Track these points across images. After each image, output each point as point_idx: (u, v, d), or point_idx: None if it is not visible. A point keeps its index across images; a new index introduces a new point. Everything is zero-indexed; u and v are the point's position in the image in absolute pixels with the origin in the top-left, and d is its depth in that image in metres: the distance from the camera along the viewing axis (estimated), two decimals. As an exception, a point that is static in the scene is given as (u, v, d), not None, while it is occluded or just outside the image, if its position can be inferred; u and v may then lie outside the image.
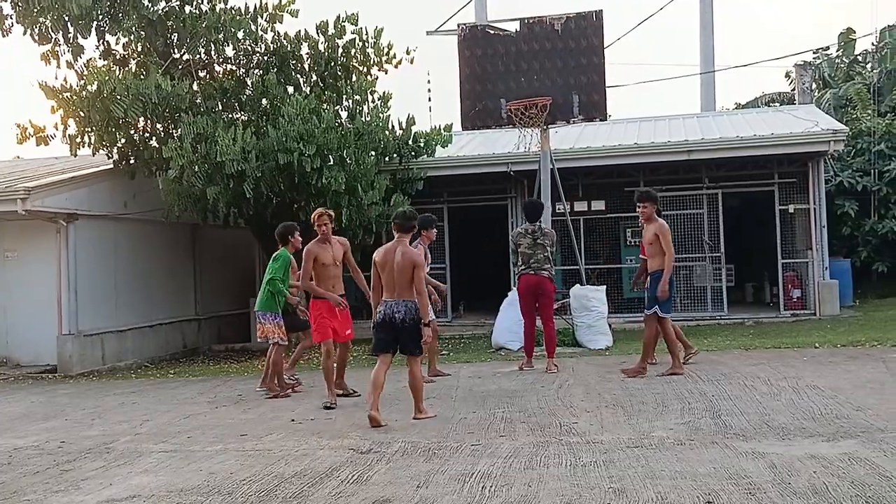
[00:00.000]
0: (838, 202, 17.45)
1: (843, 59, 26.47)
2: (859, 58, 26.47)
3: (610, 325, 13.11)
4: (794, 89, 24.17)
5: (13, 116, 51.75)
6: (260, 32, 15.03)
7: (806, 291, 15.79)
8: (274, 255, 9.65)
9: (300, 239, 9.81)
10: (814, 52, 26.52)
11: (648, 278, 9.35)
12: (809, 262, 15.61)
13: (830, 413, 6.81)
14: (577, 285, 13.29)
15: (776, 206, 15.74)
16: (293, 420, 7.94)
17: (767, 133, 15.45)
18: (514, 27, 12.99)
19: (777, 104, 25.48)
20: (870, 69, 25.32)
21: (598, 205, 16.52)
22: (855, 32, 25.94)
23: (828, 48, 26.75)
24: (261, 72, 15.03)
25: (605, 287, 13.61)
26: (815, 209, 15.56)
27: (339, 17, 15.14)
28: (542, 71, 12.74)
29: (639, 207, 9.30)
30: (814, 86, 22.61)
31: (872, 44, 25.89)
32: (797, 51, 64.96)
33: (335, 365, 8.92)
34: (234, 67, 15.59)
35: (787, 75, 27.65)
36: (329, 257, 8.91)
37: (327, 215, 9.00)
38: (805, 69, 20.96)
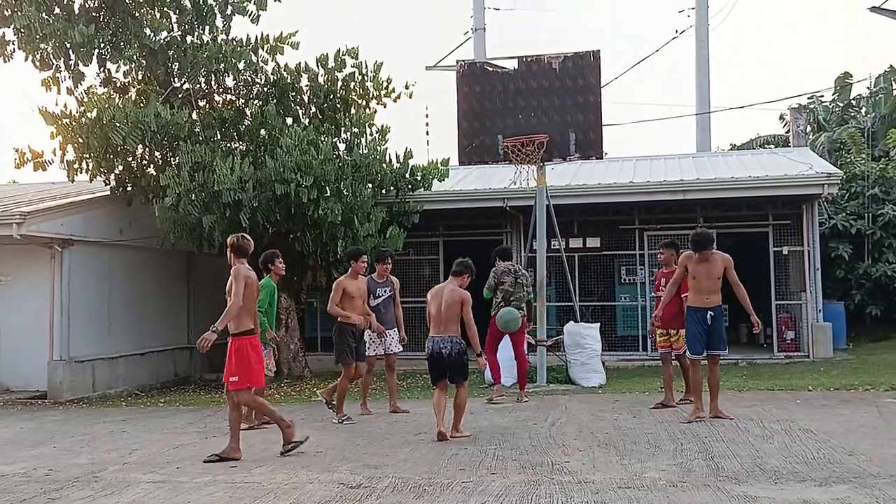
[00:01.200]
0: (832, 245, 17.52)
1: (838, 103, 26.77)
2: (854, 102, 26.77)
3: (603, 363, 13.08)
4: (788, 132, 24.36)
5: (11, 141, 51.95)
6: (260, 63, 15.15)
7: (800, 333, 15.80)
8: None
9: (282, 266, 9.84)
10: (808, 96, 26.82)
11: (711, 314, 8.80)
12: (803, 304, 15.64)
13: (823, 457, 6.78)
14: (571, 322, 13.28)
15: (770, 247, 15.81)
16: (283, 453, 7.88)
17: (762, 175, 15.56)
18: (512, 65, 13.10)
19: (772, 146, 25.66)
20: (864, 114, 25.60)
21: (594, 242, 16.57)
22: (851, 77, 26.25)
23: (822, 94, 27.06)
24: (260, 102, 15.12)
25: (598, 324, 13.60)
26: (809, 251, 15.63)
27: (339, 50, 15.28)
28: (540, 108, 12.83)
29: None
30: (808, 129, 22.82)
31: (868, 88, 26.22)
32: (792, 94, 65.52)
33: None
34: (233, 97, 15.68)
35: (782, 118, 27.91)
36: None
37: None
38: (800, 112, 21.15)
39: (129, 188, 15.15)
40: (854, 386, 11.05)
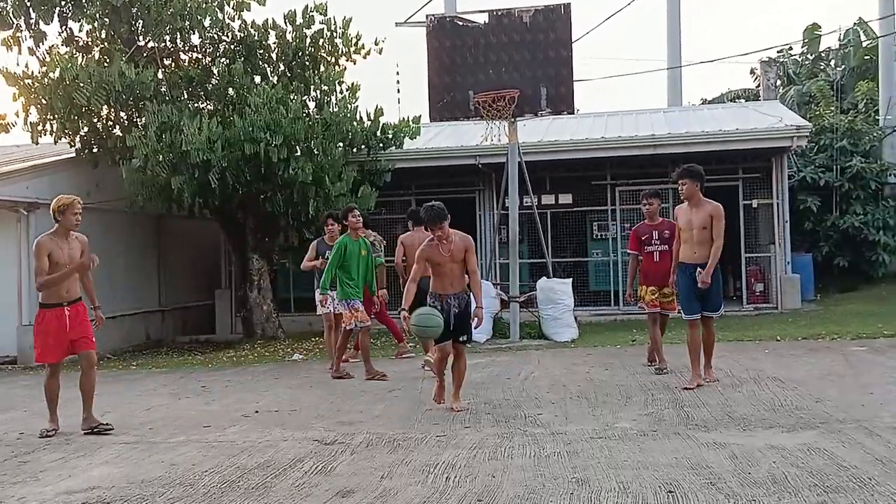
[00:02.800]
0: (801, 197, 17.68)
1: (808, 56, 26.83)
2: (823, 55, 26.85)
3: (576, 318, 13.17)
4: (759, 86, 24.44)
5: (-27, 103, 50.79)
6: (227, 20, 14.88)
7: (768, 285, 16.00)
8: None
9: (356, 220, 9.63)
10: (778, 50, 26.87)
11: (699, 271, 7.74)
12: (772, 256, 15.82)
13: (790, 404, 6.90)
14: (544, 278, 13.33)
15: (740, 200, 15.92)
16: (257, 412, 7.88)
17: (732, 128, 15.61)
18: (482, 19, 12.97)
19: (742, 100, 25.77)
20: (833, 66, 25.71)
21: (566, 198, 16.58)
22: (820, 28, 26.28)
23: (791, 47, 27.12)
24: (227, 61, 14.87)
25: (571, 280, 13.67)
26: (778, 204, 15.77)
27: (307, 6, 15.02)
28: (511, 63, 12.74)
29: (681, 185, 7.90)
30: (778, 82, 22.86)
31: (837, 40, 26.29)
32: (763, 47, 65.61)
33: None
34: (199, 56, 15.41)
35: (752, 72, 28.00)
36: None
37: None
38: (770, 66, 21.20)
39: (95, 150, 14.89)
40: (821, 335, 11.23)
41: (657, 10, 52.96)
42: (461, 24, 13.19)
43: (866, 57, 24.03)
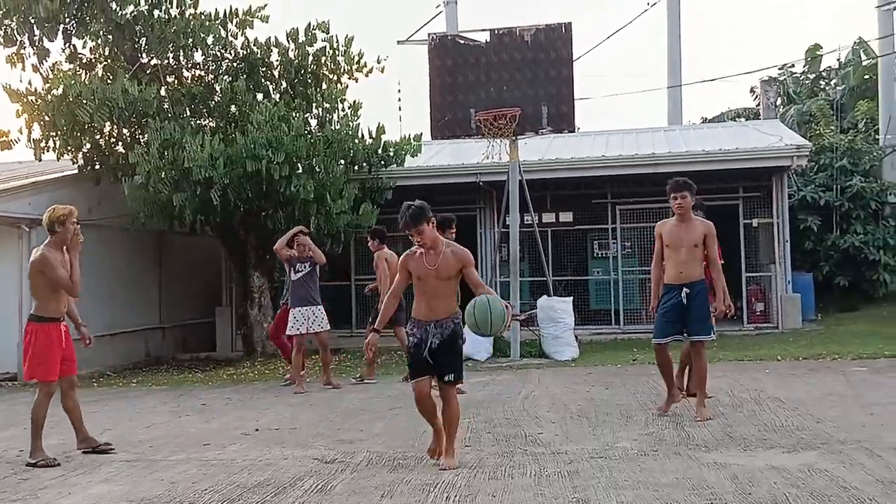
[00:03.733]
0: (801, 217, 17.70)
1: (808, 75, 26.94)
2: (824, 74, 26.97)
3: (576, 337, 13.16)
4: (759, 104, 24.54)
5: (-24, 119, 50.95)
6: (229, 38, 14.96)
7: (769, 305, 15.99)
8: None
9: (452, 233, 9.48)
10: (779, 68, 26.98)
11: (687, 291, 7.31)
12: (773, 275, 15.81)
13: (791, 425, 6.89)
14: (545, 296, 13.33)
15: (741, 219, 15.94)
16: (257, 430, 7.87)
17: (733, 147, 15.66)
18: (484, 37, 13.04)
19: (742, 119, 25.86)
20: (833, 86, 25.82)
21: (566, 216, 16.62)
22: (821, 48, 26.41)
23: (793, 65, 27.25)
24: (230, 78, 14.94)
25: (572, 298, 13.67)
26: (778, 223, 15.78)
27: (309, 24, 15.12)
28: (512, 82, 12.80)
29: (677, 198, 7.45)
30: (778, 101, 22.97)
31: (837, 60, 26.41)
32: (763, 66, 65.96)
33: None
34: (202, 73, 15.49)
35: (752, 90, 28.09)
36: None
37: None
38: (770, 85, 21.31)
39: (97, 167, 14.94)
40: (822, 355, 11.22)
41: (658, 29, 53.24)
42: (463, 42, 13.28)
43: (866, 76, 24.16)
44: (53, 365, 7.06)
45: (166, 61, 15.00)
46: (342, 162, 14.70)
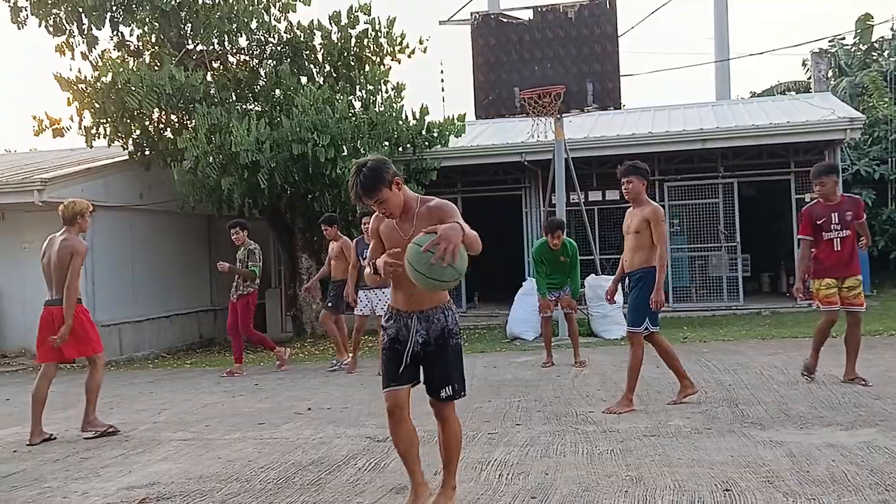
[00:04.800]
0: (855, 191, 17.30)
1: (860, 46, 26.22)
2: (876, 45, 26.23)
3: (625, 315, 13.05)
4: (809, 77, 23.99)
5: (30, 108, 52.14)
6: (273, 22, 15.06)
7: (822, 281, 15.66)
8: None
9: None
10: (830, 40, 26.30)
11: (627, 280, 7.25)
12: (826, 251, 15.48)
13: (849, 402, 6.78)
14: (592, 275, 13.26)
15: (792, 195, 15.65)
16: (310, 409, 7.97)
17: (783, 121, 15.36)
18: (527, 15, 12.95)
19: (793, 92, 25.29)
20: (886, 56, 25.09)
21: (612, 194, 16.44)
22: (873, 18, 25.67)
23: (843, 37, 26.52)
24: (274, 62, 15.05)
25: (620, 276, 13.55)
26: (831, 198, 15.42)
27: (351, 6, 15.14)
28: (556, 59, 12.69)
29: (624, 183, 7.11)
30: (830, 74, 22.43)
31: (890, 30, 25.66)
32: (813, 38, 64.37)
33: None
34: (247, 58, 15.63)
35: (804, 63, 27.44)
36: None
37: None
38: (821, 57, 20.82)
39: (147, 152, 15.19)
40: (878, 331, 11.00)
41: (704, 2, 52.23)
42: (506, 20, 13.18)
43: (921, 46, 23.46)
44: (97, 339, 7.50)
45: (211, 47, 15.15)
46: (386, 144, 14.74)
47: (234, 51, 15.56)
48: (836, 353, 9.52)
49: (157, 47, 15.06)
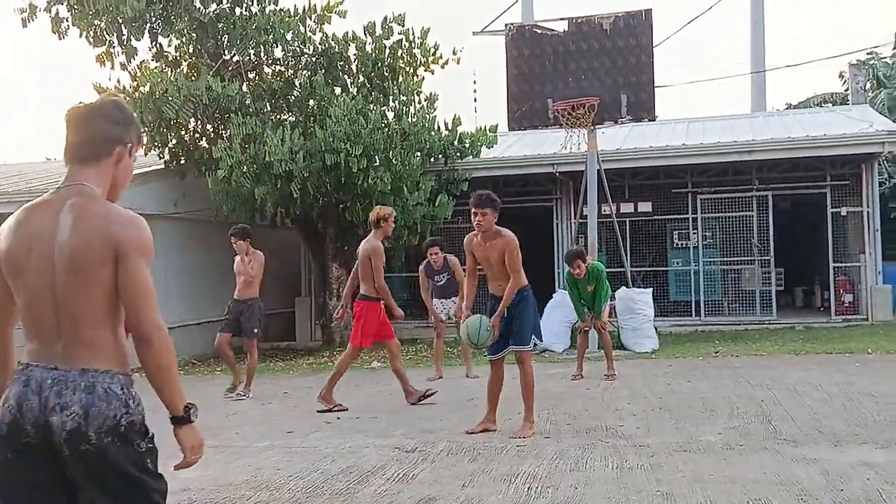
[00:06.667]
0: (893, 205, 17.07)
1: (899, 58, 25.89)
2: (915, 57, 25.89)
3: (656, 329, 12.98)
4: (847, 89, 23.70)
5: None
6: (308, 34, 15.19)
7: (858, 296, 15.45)
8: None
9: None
10: (868, 52, 25.98)
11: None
12: (862, 266, 15.28)
13: (884, 420, 6.66)
14: (623, 288, 13.18)
15: (828, 208, 15.44)
16: (339, 418, 8.00)
17: (820, 134, 15.17)
18: (561, 27, 12.94)
19: (830, 104, 25.00)
20: (926, 69, 24.75)
21: (645, 206, 16.36)
22: (911, 31, 25.31)
23: (881, 49, 26.20)
24: (309, 73, 15.17)
25: (651, 290, 13.48)
26: (868, 212, 15.24)
27: (386, 17, 15.23)
28: (590, 70, 12.66)
29: (480, 216, 6.72)
30: (868, 86, 22.14)
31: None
32: (851, 50, 63.59)
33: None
34: (282, 68, 15.77)
35: (841, 75, 27.13)
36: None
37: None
38: (859, 69, 20.54)
39: (182, 161, 15.37)
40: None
41: (740, 13, 51.87)
42: (540, 32, 13.19)
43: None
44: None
45: (247, 58, 15.31)
46: (418, 154, 14.78)
47: (270, 61, 15.71)
48: (869, 369, 9.40)
49: (194, 58, 15.26)
